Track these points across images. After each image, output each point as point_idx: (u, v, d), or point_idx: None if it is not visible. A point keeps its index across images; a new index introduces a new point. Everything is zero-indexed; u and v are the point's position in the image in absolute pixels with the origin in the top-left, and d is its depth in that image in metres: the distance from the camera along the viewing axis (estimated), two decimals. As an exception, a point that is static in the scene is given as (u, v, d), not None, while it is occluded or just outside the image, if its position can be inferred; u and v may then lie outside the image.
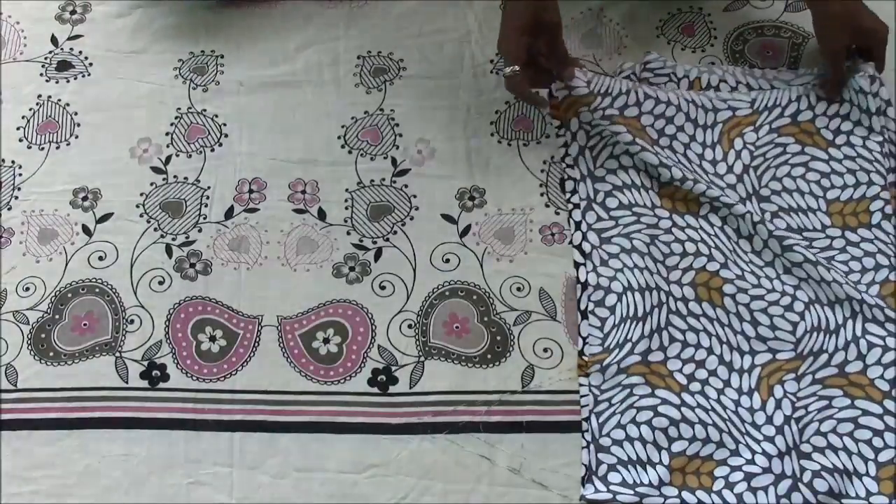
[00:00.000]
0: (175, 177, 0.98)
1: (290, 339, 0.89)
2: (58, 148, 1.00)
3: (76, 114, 1.02)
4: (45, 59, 1.06)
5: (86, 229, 0.95)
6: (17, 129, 1.01)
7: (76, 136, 1.01)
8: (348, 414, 0.86)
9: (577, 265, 0.90)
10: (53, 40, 1.07)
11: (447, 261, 0.92)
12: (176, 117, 1.01)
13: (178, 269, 0.93)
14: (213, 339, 0.90)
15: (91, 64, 1.05)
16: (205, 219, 0.96)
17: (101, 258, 0.94)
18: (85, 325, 0.90)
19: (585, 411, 0.84)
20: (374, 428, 0.85)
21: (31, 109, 1.02)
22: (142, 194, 0.97)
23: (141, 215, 0.96)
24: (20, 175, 0.99)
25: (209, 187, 0.97)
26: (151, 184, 0.98)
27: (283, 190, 0.97)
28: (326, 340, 0.89)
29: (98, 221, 0.96)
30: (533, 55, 0.88)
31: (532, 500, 0.81)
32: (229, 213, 0.96)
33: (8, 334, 0.90)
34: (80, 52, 1.06)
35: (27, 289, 0.92)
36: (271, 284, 0.92)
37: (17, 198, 0.97)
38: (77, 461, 0.84)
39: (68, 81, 1.04)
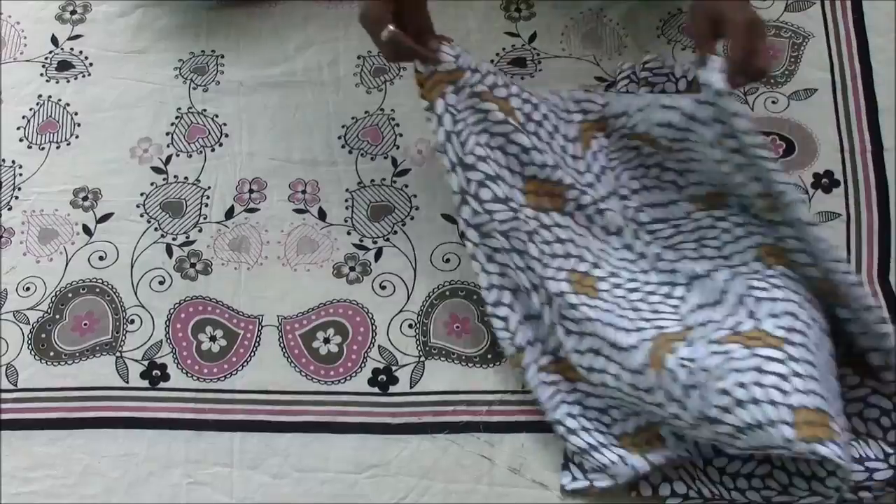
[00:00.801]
0: (175, 177, 0.98)
1: (290, 339, 0.89)
2: (58, 148, 1.00)
3: (76, 114, 1.02)
4: (46, 59, 1.06)
5: (86, 229, 0.95)
6: (18, 129, 1.01)
7: (76, 136, 1.01)
8: (348, 414, 0.86)
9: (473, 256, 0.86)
10: (53, 40, 1.07)
11: (447, 261, 0.92)
12: (176, 117, 1.01)
13: (178, 269, 0.93)
14: (213, 338, 0.90)
15: (91, 64, 1.05)
16: (205, 219, 0.96)
17: (101, 258, 0.94)
18: (85, 324, 0.91)
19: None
20: (374, 428, 0.85)
21: (31, 109, 1.03)
22: (142, 194, 0.97)
23: (141, 215, 0.96)
24: (20, 175, 0.99)
25: (209, 187, 0.97)
26: (152, 184, 0.98)
27: (284, 190, 0.97)
28: (327, 340, 0.89)
29: (98, 221, 0.96)
30: (397, 19, 0.81)
31: (532, 500, 0.81)
32: (229, 213, 0.96)
33: (8, 334, 0.90)
34: (81, 52, 1.06)
35: (27, 289, 0.92)
36: (271, 284, 0.92)
37: (17, 198, 0.97)
38: (77, 461, 0.84)
39: (68, 81, 1.04)
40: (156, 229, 0.95)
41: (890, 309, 0.89)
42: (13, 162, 0.99)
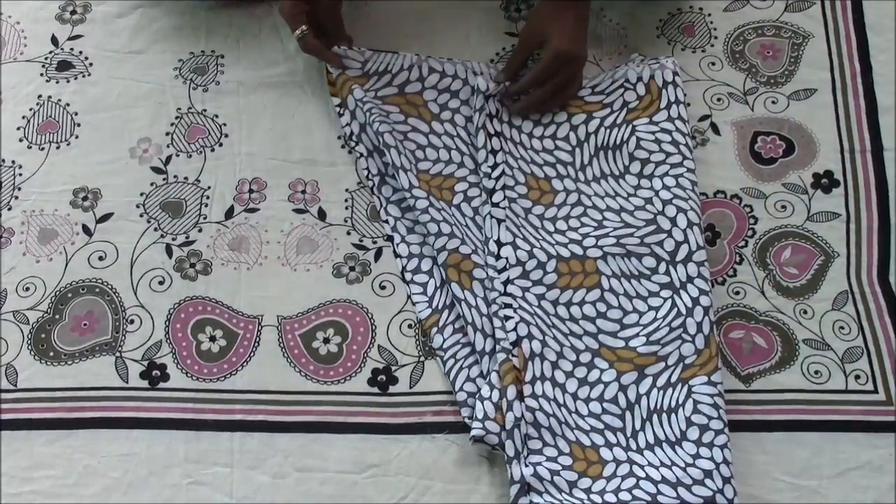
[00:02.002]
0: (175, 177, 0.98)
1: (290, 339, 0.89)
2: (58, 148, 1.00)
3: (76, 114, 1.02)
4: (45, 59, 1.06)
5: (86, 229, 0.95)
6: (17, 129, 1.01)
7: (76, 137, 1.01)
8: (348, 414, 0.86)
9: (388, 238, 0.93)
10: (53, 40, 1.07)
11: (447, 261, 0.92)
12: (176, 117, 1.01)
13: (178, 269, 0.93)
14: (213, 338, 0.90)
15: (91, 64, 1.05)
16: (205, 219, 0.96)
17: (101, 258, 0.94)
18: (85, 325, 0.91)
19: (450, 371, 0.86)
20: (374, 428, 0.85)
21: (31, 109, 1.02)
22: (142, 194, 0.97)
23: (141, 215, 0.96)
24: (20, 175, 0.99)
25: (209, 187, 0.97)
26: (151, 184, 0.98)
27: (283, 190, 0.97)
28: (326, 340, 0.89)
29: (98, 221, 0.96)
30: (314, 22, 0.92)
31: (532, 500, 0.81)
32: (229, 213, 0.96)
33: (8, 334, 0.90)
34: (80, 52, 1.06)
35: (27, 289, 0.92)
36: (271, 284, 0.92)
37: (17, 198, 0.97)
38: (77, 461, 0.84)
39: (68, 81, 1.04)
40: (155, 229, 0.95)
41: (890, 309, 0.89)
42: (13, 162, 0.99)
